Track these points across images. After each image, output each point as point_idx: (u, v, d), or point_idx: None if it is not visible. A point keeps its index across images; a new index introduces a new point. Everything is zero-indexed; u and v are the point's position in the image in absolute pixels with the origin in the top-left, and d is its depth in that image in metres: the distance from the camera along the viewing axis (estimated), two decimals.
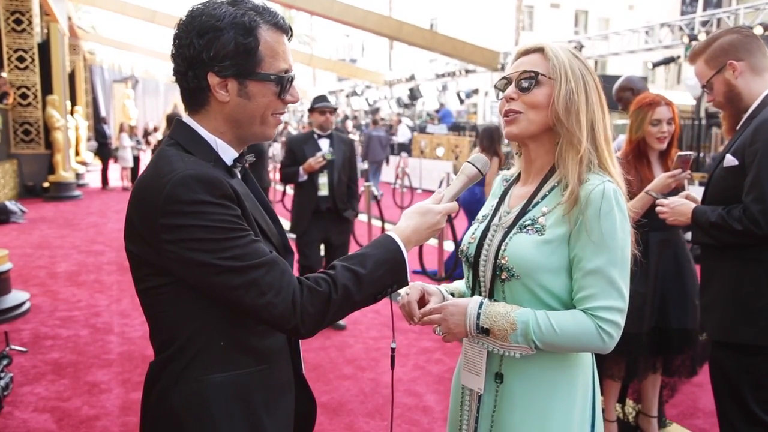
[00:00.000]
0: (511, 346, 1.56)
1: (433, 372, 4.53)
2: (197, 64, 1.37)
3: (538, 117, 1.60)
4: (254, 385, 1.43)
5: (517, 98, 1.62)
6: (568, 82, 1.57)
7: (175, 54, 1.40)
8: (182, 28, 1.38)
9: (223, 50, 1.35)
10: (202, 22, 1.36)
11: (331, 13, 16.90)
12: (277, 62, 1.41)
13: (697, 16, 14.54)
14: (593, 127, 1.60)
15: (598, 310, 1.51)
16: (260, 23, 1.39)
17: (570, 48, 1.63)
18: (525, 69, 1.62)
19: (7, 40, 13.79)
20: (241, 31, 1.36)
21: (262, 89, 1.41)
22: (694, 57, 2.61)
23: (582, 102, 1.58)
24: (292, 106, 1.52)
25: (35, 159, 14.24)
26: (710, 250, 2.56)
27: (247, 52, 1.37)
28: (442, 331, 1.63)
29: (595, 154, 1.59)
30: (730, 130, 2.57)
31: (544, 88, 1.59)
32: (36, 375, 4.46)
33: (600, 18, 38.29)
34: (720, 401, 2.53)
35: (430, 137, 18.40)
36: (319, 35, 50.67)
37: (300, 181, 5.37)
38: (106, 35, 27.84)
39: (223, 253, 1.29)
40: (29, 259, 8.06)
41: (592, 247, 1.51)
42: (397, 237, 1.47)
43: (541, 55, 1.62)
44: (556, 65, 1.58)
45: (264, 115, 1.44)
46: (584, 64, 1.63)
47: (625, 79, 4.57)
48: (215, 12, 1.36)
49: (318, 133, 5.47)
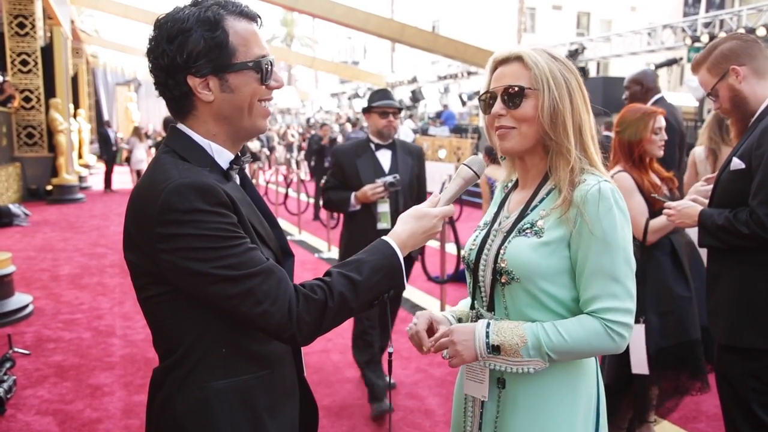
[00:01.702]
0: (524, 361, 1.54)
1: (436, 375, 4.53)
2: (174, 70, 1.37)
3: (530, 130, 1.60)
4: (257, 391, 1.43)
5: (506, 114, 1.60)
6: (551, 91, 1.55)
7: (152, 68, 1.40)
8: (153, 41, 1.39)
9: (195, 49, 1.35)
10: (168, 29, 1.36)
11: (333, 15, 16.95)
12: (250, 50, 1.41)
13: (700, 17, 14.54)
14: (581, 132, 1.60)
15: (606, 312, 1.51)
16: (225, 15, 1.39)
17: (547, 50, 1.61)
18: (509, 83, 1.59)
19: (10, 43, 13.84)
20: (207, 26, 1.36)
21: (243, 79, 1.40)
22: (696, 66, 2.62)
23: (567, 109, 1.57)
24: (294, 109, 1.52)
25: (38, 162, 14.28)
26: (717, 253, 2.55)
27: (218, 46, 1.37)
28: (449, 355, 1.60)
29: (585, 159, 1.60)
30: (739, 135, 2.57)
31: (530, 100, 1.58)
32: (39, 378, 4.46)
33: (602, 20, 38.27)
34: (725, 405, 2.53)
35: (432, 139, 18.39)
36: (322, 38, 50.76)
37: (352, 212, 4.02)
38: (108, 38, 27.94)
39: (218, 261, 1.29)
40: (32, 262, 8.08)
41: (595, 248, 1.51)
42: (393, 242, 1.47)
43: (521, 64, 1.59)
44: (537, 75, 1.56)
45: (251, 104, 1.43)
46: (564, 65, 1.60)
47: (641, 72, 4.56)
48: (179, 15, 1.37)
49: (376, 141, 4.05)
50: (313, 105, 37.43)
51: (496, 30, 32.84)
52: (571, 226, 1.54)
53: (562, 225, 1.55)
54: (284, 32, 50.01)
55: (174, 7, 1.41)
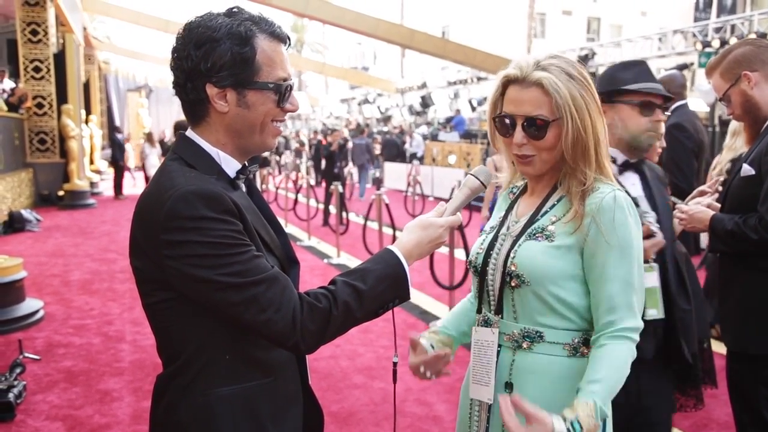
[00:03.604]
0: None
1: (444, 381, 4.51)
2: (195, 76, 1.38)
3: (550, 156, 1.60)
4: (261, 398, 1.43)
5: (527, 143, 1.59)
6: (574, 121, 1.54)
7: (174, 67, 1.41)
8: (180, 41, 1.39)
9: (220, 61, 1.36)
10: (198, 34, 1.37)
11: (343, 21, 17.00)
12: (275, 71, 1.42)
13: (711, 22, 14.47)
14: (596, 149, 1.59)
15: (623, 320, 1.52)
16: (256, 33, 1.39)
17: (563, 66, 1.57)
18: (530, 113, 1.56)
19: (23, 50, 13.98)
20: (237, 41, 1.37)
21: (260, 98, 1.41)
22: (710, 71, 2.62)
23: (589, 133, 1.56)
24: (304, 115, 1.52)
25: (50, 168, 14.39)
26: (728, 259, 2.54)
27: (244, 61, 1.37)
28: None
29: (601, 176, 1.60)
30: (750, 141, 2.57)
31: (553, 129, 1.56)
32: (49, 383, 4.48)
33: (612, 25, 38.20)
34: (736, 413, 2.52)
35: (442, 145, 18.42)
36: (332, 43, 50.93)
37: None
38: (120, 45, 28.11)
39: (223, 269, 1.29)
40: (44, 268, 8.13)
41: (612, 256, 1.52)
42: (398, 251, 1.47)
43: (541, 90, 1.55)
44: (560, 103, 1.54)
45: (264, 123, 1.44)
46: (581, 82, 1.57)
47: (669, 75, 4.45)
48: (211, 23, 1.38)
49: (620, 158, 2.32)
50: (323, 110, 37.57)
51: (506, 35, 32.84)
52: (584, 233, 1.54)
53: (575, 232, 1.55)
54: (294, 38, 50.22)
55: (207, 13, 1.41)
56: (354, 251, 9.31)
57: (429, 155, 18.39)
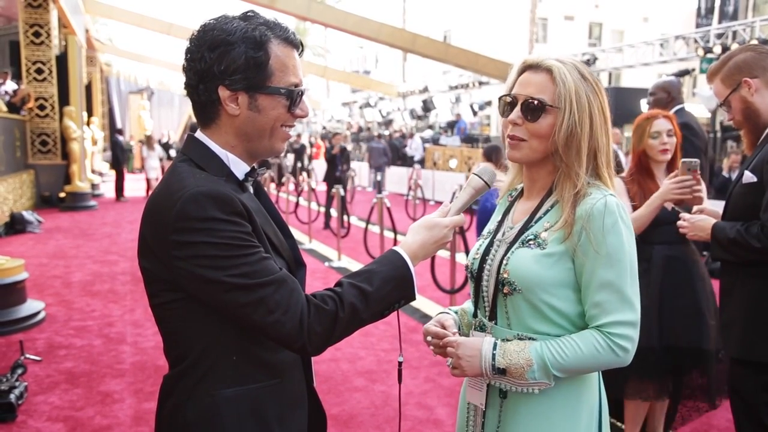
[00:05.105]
0: (529, 383, 1.53)
1: (445, 385, 4.51)
2: (208, 78, 1.38)
3: (540, 146, 1.59)
4: (267, 400, 1.44)
5: (521, 124, 1.59)
6: (571, 114, 1.54)
7: (186, 67, 1.42)
8: (194, 42, 1.40)
9: (234, 64, 1.37)
10: (213, 37, 1.38)
11: (345, 25, 17.04)
12: (287, 76, 1.43)
13: (712, 28, 14.49)
14: (596, 156, 1.58)
15: (611, 326, 1.50)
16: (271, 38, 1.41)
17: (579, 66, 1.58)
18: (532, 95, 1.57)
19: (26, 52, 14.02)
20: (252, 45, 1.38)
21: (272, 103, 1.42)
22: (711, 77, 2.63)
23: (585, 132, 1.55)
24: (305, 118, 1.53)
25: (52, 169, 14.41)
26: (730, 266, 2.54)
27: (257, 66, 1.38)
28: (452, 366, 1.61)
29: (597, 182, 1.59)
30: (751, 146, 2.57)
31: (549, 117, 1.56)
32: (50, 384, 4.49)
33: (614, 30, 38.21)
34: (737, 419, 2.51)
35: (443, 149, 18.43)
36: (333, 47, 50.97)
37: None
38: (122, 47, 28.22)
39: (232, 270, 1.30)
40: (45, 269, 8.14)
41: (601, 262, 1.51)
42: (403, 252, 1.47)
43: (550, 77, 1.56)
44: (562, 93, 1.54)
45: (274, 127, 1.45)
46: (593, 87, 1.58)
47: (669, 81, 4.55)
48: (227, 26, 1.39)
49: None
50: (324, 114, 37.57)
51: (507, 40, 32.86)
52: (575, 240, 1.53)
53: (566, 240, 1.54)
54: None
55: (222, 16, 1.42)
56: (355, 254, 9.31)
57: (430, 159, 18.40)
